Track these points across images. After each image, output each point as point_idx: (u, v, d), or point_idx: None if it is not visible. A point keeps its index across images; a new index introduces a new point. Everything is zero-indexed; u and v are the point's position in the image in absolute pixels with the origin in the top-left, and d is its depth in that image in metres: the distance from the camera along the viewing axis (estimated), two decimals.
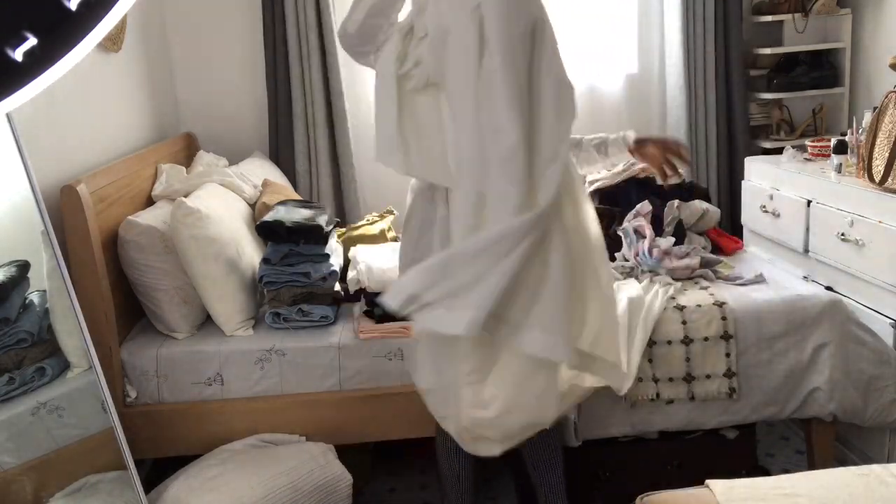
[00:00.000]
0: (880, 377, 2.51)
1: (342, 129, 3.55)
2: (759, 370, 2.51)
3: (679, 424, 2.52)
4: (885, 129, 2.52)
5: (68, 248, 2.24)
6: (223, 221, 2.62)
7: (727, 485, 1.72)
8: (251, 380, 2.48)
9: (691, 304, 2.53)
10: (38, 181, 1.93)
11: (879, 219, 2.47)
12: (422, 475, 2.95)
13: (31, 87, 0.86)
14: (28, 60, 0.84)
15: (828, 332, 2.52)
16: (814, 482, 1.70)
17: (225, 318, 2.54)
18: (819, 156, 3.09)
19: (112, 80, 2.90)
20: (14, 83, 0.85)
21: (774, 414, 2.55)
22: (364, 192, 3.68)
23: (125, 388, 2.44)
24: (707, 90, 3.66)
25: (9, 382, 1.92)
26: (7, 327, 1.93)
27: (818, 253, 2.79)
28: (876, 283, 2.52)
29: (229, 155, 3.41)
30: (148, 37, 3.32)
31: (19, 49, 0.83)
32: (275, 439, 2.47)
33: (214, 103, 3.66)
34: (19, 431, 1.96)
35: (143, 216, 2.55)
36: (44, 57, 0.85)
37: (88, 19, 0.86)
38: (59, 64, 0.87)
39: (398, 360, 2.48)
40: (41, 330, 2.01)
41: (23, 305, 2.00)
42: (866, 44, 3.51)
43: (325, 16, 3.44)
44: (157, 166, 2.95)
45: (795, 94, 3.64)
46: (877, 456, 2.60)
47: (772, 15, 3.62)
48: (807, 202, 2.83)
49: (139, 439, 2.34)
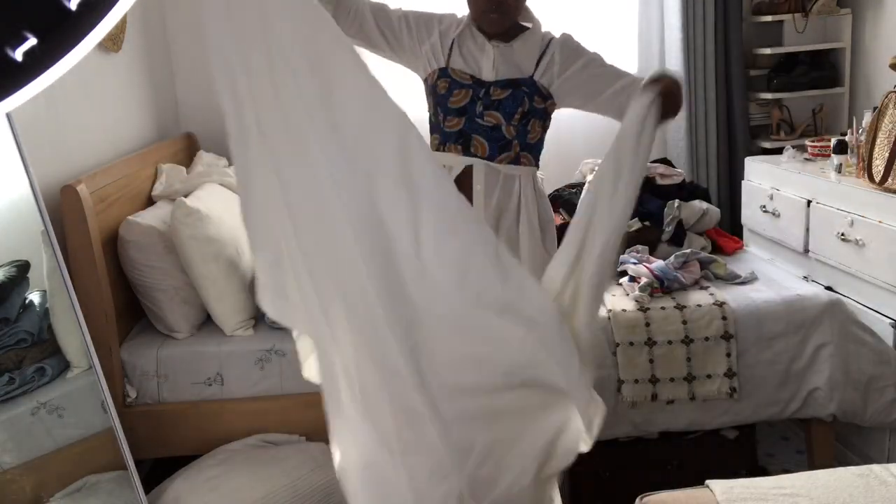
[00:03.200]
0: (880, 377, 2.51)
1: None
2: (760, 370, 2.52)
3: (681, 425, 2.53)
4: (885, 129, 2.52)
5: (68, 248, 2.24)
6: (223, 221, 2.62)
7: (727, 485, 1.72)
8: (251, 380, 2.47)
9: (691, 304, 2.54)
10: (38, 181, 1.93)
11: (879, 219, 2.47)
12: None
13: (31, 87, 0.86)
14: (28, 60, 0.84)
15: (828, 332, 2.52)
16: (814, 482, 1.70)
17: (225, 318, 2.54)
18: (819, 156, 3.09)
19: (112, 80, 2.90)
20: (14, 83, 0.85)
21: (775, 414, 2.55)
22: None
23: (125, 388, 2.44)
24: (707, 90, 3.66)
25: (9, 382, 1.92)
26: (7, 327, 1.93)
27: (818, 253, 2.79)
28: (876, 283, 2.52)
29: (229, 155, 3.40)
30: (148, 37, 3.32)
31: (19, 49, 0.83)
32: (275, 439, 2.47)
33: (214, 103, 3.61)
34: (19, 431, 1.96)
35: (143, 216, 2.55)
36: (44, 57, 0.85)
37: (88, 19, 0.86)
38: (59, 64, 0.87)
39: None
40: (41, 330, 2.01)
41: (23, 305, 2.00)
42: (866, 44, 3.51)
43: None
44: (157, 166, 2.94)
45: (795, 94, 3.63)
46: (877, 456, 2.60)
47: (772, 15, 3.61)
48: (807, 202, 2.83)
49: (139, 439, 2.33)
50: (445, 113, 2.09)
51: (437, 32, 2.12)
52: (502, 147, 2.08)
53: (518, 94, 2.06)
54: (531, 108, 2.07)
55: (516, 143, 2.09)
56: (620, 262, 2.76)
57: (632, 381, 2.47)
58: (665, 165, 3.23)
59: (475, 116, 2.06)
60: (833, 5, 3.55)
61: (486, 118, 2.06)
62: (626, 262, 2.75)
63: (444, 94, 2.08)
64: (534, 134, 2.12)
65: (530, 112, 2.08)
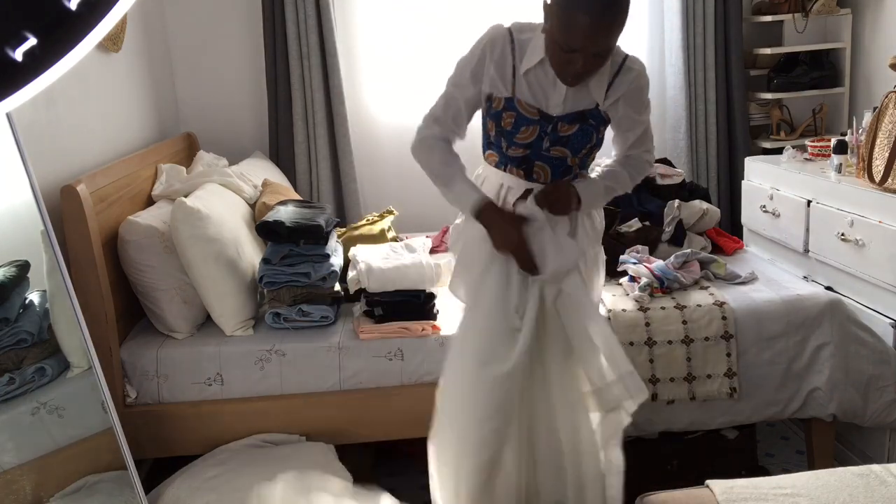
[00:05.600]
0: (880, 377, 2.51)
1: (342, 129, 3.55)
2: (760, 370, 2.52)
3: (682, 425, 2.53)
4: (885, 129, 2.52)
5: (68, 248, 2.24)
6: (223, 221, 2.62)
7: (727, 485, 1.72)
8: (251, 380, 2.48)
9: (692, 304, 2.54)
10: (38, 181, 1.93)
11: (879, 219, 2.47)
12: (422, 475, 2.94)
13: (31, 87, 0.86)
14: (28, 60, 0.84)
15: (828, 332, 2.52)
16: (814, 482, 1.70)
17: (225, 319, 2.54)
18: (819, 156, 3.09)
19: (112, 80, 2.90)
20: (14, 83, 0.85)
21: (775, 414, 2.56)
22: (364, 192, 3.68)
23: (125, 388, 2.44)
24: (707, 90, 3.66)
25: (9, 382, 1.91)
26: (7, 327, 1.93)
27: (818, 253, 2.79)
28: (876, 283, 2.52)
29: (229, 155, 3.41)
30: (148, 37, 3.32)
31: (19, 49, 0.83)
32: (275, 439, 2.47)
33: (214, 103, 3.66)
34: (19, 431, 1.96)
35: (143, 216, 2.55)
36: (44, 57, 0.85)
37: (88, 19, 0.86)
38: (59, 64, 0.87)
39: (398, 360, 2.48)
40: (41, 330, 2.01)
41: (23, 305, 1.99)
42: (866, 44, 3.51)
43: (325, 16, 3.43)
44: (157, 166, 2.95)
45: (795, 94, 3.64)
46: (877, 456, 2.60)
47: (772, 15, 3.62)
48: (807, 202, 2.83)
49: (139, 439, 2.34)
50: (510, 143, 2.00)
51: (489, 65, 1.96)
52: (564, 172, 2.04)
53: (586, 128, 1.98)
54: (597, 140, 2.03)
55: (577, 168, 2.06)
56: (620, 262, 2.76)
57: None
58: (665, 165, 3.23)
59: (541, 151, 2.00)
60: (833, 5, 3.55)
61: (553, 152, 2.00)
62: (626, 262, 2.75)
63: (511, 130, 1.98)
64: (592, 158, 2.10)
65: (596, 144, 2.04)
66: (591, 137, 2.00)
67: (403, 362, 2.48)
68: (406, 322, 2.52)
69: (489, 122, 2.04)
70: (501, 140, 2.01)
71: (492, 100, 2.00)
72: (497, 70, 1.96)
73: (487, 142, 2.09)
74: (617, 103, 1.99)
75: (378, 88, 3.66)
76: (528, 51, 1.94)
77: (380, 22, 3.61)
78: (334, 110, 3.54)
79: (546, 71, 1.94)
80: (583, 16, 1.76)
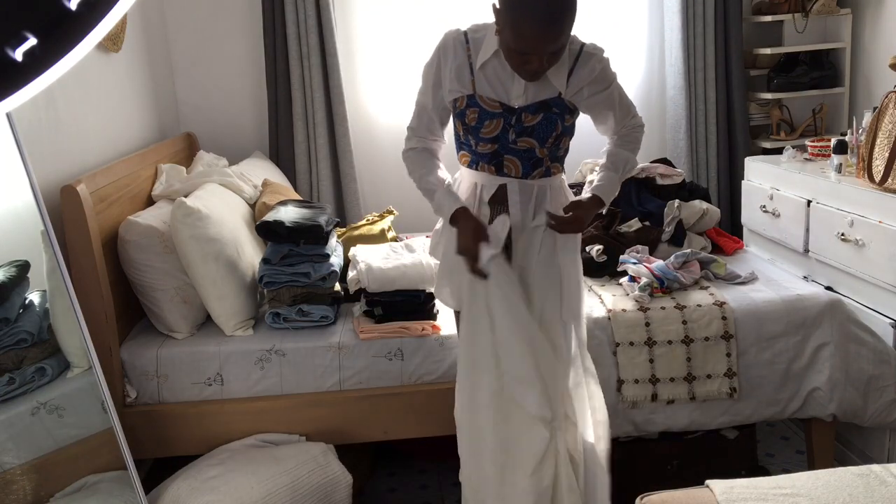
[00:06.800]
0: (880, 377, 2.51)
1: (342, 129, 3.55)
2: (760, 370, 2.52)
3: (681, 425, 2.53)
4: (885, 130, 2.52)
5: (68, 248, 2.24)
6: (223, 221, 2.62)
7: (727, 485, 1.72)
8: (251, 380, 2.48)
9: (691, 304, 2.54)
10: (38, 181, 1.93)
11: (879, 219, 2.47)
12: (422, 475, 2.95)
13: (31, 87, 0.86)
14: (28, 60, 0.84)
15: (828, 332, 2.52)
16: (814, 482, 1.70)
17: (225, 318, 2.54)
18: (819, 156, 3.09)
19: (112, 80, 2.90)
20: (14, 83, 0.85)
21: (775, 414, 2.56)
22: (364, 192, 3.69)
23: (125, 388, 2.44)
24: (707, 90, 3.66)
25: (9, 382, 1.91)
26: (7, 327, 1.93)
27: (818, 253, 2.79)
28: (876, 283, 2.52)
29: (229, 155, 3.41)
30: (148, 37, 3.32)
31: (19, 49, 0.83)
32: (275, 439, 2.47)
33: (214, 103, 3.66)
34: (19, 431, 1.96)
35: (143, 216, 2.55)
36: (44, 57, 0.85)
37: (88, 19, 0.86)
38: (59, 64, 0.86)
39: (398, 360, 2.48)
40: (41, 330, 2.01)
41: (23, 305, 2.00)
42: (866, 44, 3.51)
43: (325, 16, 3.43)
44: (157, 166, 2.95)
45: (795, 94, 3.64)
46: (877, 456, 2.60)
47: (772, 15, 3.62)
48: (807, 202, 2.83)
49: (139, 439, 2.34)
50: (477, 140, 2.04)
51: (446, 69, 2.02)
52: (535, 164, 2.06)
53: (550, 117, 2.01)
54: (563, 128, 2.05)
55: (548, 159, 2.08)
56: (620, 262, 2.76)
57: (632, 381, 2.47)
58: (665, 165, 3.23)
59: (508, 143, 2.03)
60: (833, 5, 3.55)
61: (520, 144, 2.03)
62: (626, 262, 2.75)
63: (476, 125, 2.02)
64: (564, 148, 2.12)
65: (562, 132, 2.05)
66: (555, 126, 2.02)
67: (403, 362, 2.48)
68: (406, 322, 2.52)
69: (457, 123, 2.10)
70: (469, 138, 2.06)
71: (456, 101, 2.05)
72: (455, 72, 2.01)
73: (459, 143, 2.14)
74: (581, 91, 2.03)
75: (378, 89, 3.67)
76: (483, 46, 1.99)
77: (380, 22, 3.61)
78: (334, 110, 3.54)
79: (503, 64, 1.98)
80: (531, 23, 1.79)
